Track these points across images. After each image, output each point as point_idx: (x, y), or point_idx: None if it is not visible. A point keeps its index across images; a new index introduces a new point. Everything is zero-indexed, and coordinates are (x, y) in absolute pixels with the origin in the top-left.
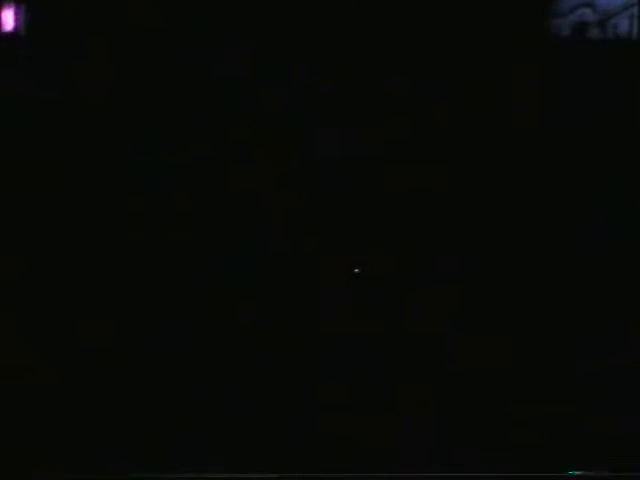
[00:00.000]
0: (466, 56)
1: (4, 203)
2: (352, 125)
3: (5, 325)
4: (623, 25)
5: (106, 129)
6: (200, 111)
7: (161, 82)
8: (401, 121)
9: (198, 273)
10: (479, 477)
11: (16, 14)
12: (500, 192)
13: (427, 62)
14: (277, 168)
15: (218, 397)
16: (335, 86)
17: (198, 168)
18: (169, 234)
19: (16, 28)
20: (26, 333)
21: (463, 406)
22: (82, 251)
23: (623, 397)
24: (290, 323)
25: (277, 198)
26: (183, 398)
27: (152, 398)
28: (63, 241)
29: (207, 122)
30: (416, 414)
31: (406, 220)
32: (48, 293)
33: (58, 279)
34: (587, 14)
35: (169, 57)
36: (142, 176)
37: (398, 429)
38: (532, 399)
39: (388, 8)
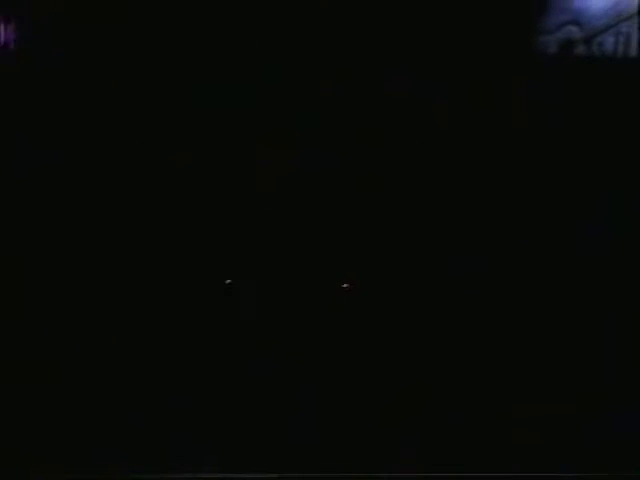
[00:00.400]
0: (457, 75)
1: (5, 205)
2: (352, 125)
3: (5, 325)
4: (608, 43)
5: (102, 137)
6: (201, 114)
7: (162, 85)
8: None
9: (198, 276)
10: (479, 477)
11: (6, 29)
12: (501, 193)
13: (419, 80)
14: (275, 172)
15: (217, 398)
16: (335, 86)
17: (190, 174)
18: (168, 235)
19: (7, 43)
20: (26, 333)
21: (464, 405)
22: (82, 251)
23: (622, 397)
24: (285, 329)
25: (275, 202)
26: (183, 399)
27: (152, 399)
28: (63, 241)
29: (208, 124)
30: (417, 416)
31: (405, 222)
32: (48, 293)
33: (58, 279)
34: (574, 32)
35: (170, 59)
36: (141, 178)
37: (395, 433)
38: (532, 399)
39: (379, 32)
